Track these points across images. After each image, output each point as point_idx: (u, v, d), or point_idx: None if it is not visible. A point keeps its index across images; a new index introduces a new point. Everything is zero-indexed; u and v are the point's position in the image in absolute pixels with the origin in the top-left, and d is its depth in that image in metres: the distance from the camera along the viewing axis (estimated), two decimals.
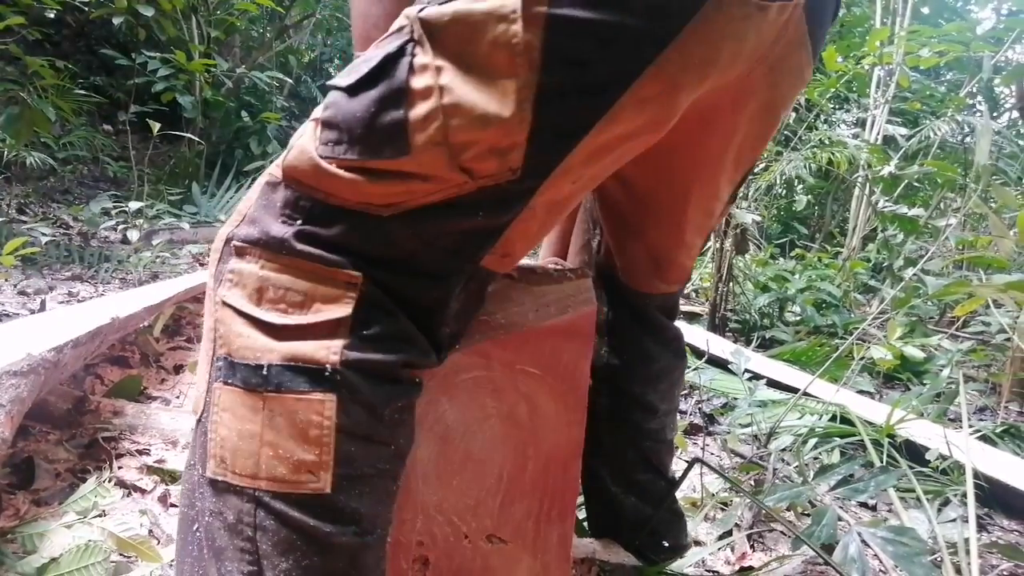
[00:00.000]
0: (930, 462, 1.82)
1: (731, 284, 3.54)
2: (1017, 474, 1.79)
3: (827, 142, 4.43)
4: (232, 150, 6.38)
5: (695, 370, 2.51)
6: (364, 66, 0.62)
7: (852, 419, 1.97)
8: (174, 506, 1.33)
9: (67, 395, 1.58)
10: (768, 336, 3.50)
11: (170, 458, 1.49)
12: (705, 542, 1.44)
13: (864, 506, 1.78)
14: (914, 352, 2.86)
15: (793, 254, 5.02)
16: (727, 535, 1.47)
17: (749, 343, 3.37)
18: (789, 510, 1.62)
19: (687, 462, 1.30)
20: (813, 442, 1.98)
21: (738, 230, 3.35)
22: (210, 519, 0.62)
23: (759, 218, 3.98)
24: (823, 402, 2.19)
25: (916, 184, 5.20)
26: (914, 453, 1.88)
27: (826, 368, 2.38)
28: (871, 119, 4.96)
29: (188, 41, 5.42)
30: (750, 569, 1.35)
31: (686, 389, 2.50)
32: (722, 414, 2.31)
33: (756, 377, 2.37)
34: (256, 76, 6.19)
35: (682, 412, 2.30)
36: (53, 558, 1.10)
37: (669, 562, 1.22)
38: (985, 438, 2.12)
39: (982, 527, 1.70)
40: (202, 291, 2.59)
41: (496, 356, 0.85)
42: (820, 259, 4.63)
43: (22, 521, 1.19)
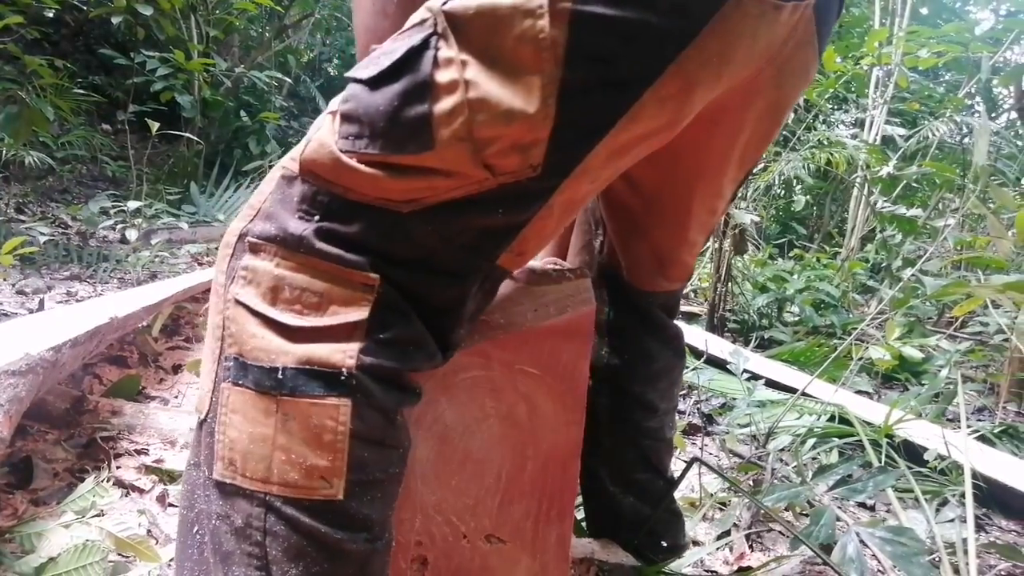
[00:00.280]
0: (928, 462, 1.83)
1: (730, 284, 3.54)
2: (1015, 474, 1.79)
3: (826, 142, 4.43)
4: (231, 150, 6.38)
5: (693, 370, 2.51)
6: (385, 59, 0.61)
7: (850, 419, 1.97)
8: (172, 506, 1.33)
9: (65, 395, 1.58)
10: (767, 336, 3.50)
11: (168, 458, 1.49)
12: (704, 542, 1.44)
13: (862, 506, 1.78)
14: (912, 352, 2.86)
15: (792, 254, 5.03)
16: (725, 535, 1.47)
17: (748, 343, 3.37)
18: (787, 510, 1.62)
19: (686, 462, 1.30)
20: (811, 442, 1.98)
21: (737, 230, 3.35)
22: (217, 522, 0.60)
23: (758, 218, 3.98)
24: (821, 402, 2.19)
25: (914, 184, 5.21)
26: (912, 453, 1.89)
27: (824, 368, 2.38)
28: (870, 119, 4.96)
29: (187, 40, 5.41)
30: (748, 569, 1.35)
31: (684, 389, 2.50)
32: (721, 414, 2.31)
33: (755, 377, 2.37)
34: (255, 76, 6.19)
35: (680, 412, 2.30)
36: (51, 558, 1.10)
37: (668, 562, 1.22)
38: (983, 438, 2.12)
39: (980, 527, 1.70)
40: (201, 291, 2.59)
41: (495, 356, 0.85)
42: (819, 259, 4.63)
43: (20, 521, 1.19)
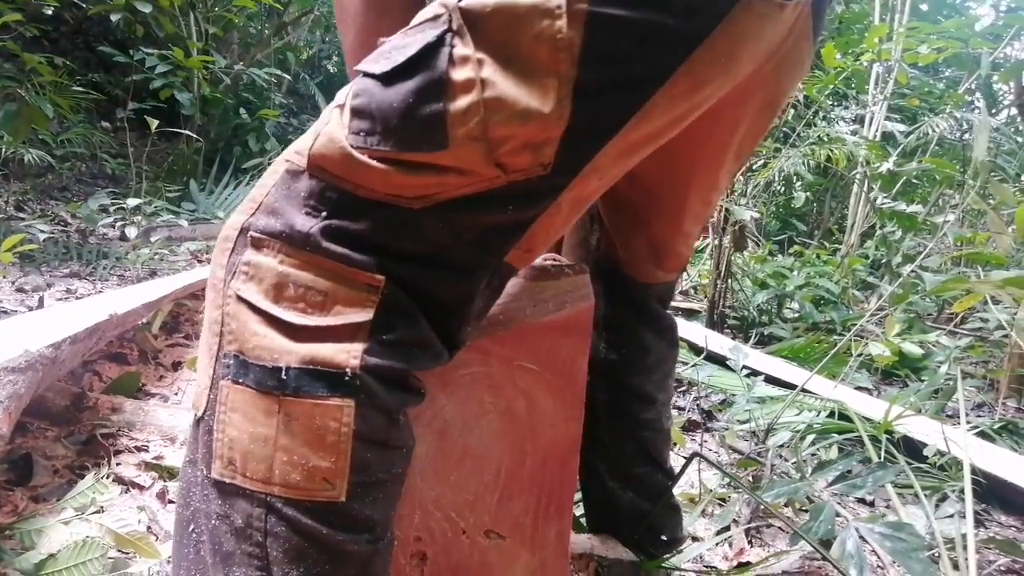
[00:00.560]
0: (928, 458, 1.83)
1: (730, 281, 3.54)
2: (1014, 470, 1.79)
3: (826, 139, 4.43)
4: (230, 147, 6.38)
5: (693, 366, 2.51)
6: (398, 54, 0.60)
7: (850, 415, 1.98)
8: (172, 502, 1.33)
9: (65, 391, 1.58)
10: (766, 333, 3.50)
11: (168, 454, 1.49)
12: (703, 537, 1.44)
13: (862, 502, 1.78)
14: (912, 348, 2.86)
15: (792, 251, 5.02)
16: (725, 531, 1.47)
17: (747, 340, 3.37)
18: (787, 506, 1.62)
19: (685, 458, 1.30)
20: (811, 438, 1.98)
21: (737, 227, 3.35)
22: (216, 522, 0.60)
23: (758, 215, 3.98)
24: (821, 398, 2.20)
25: (914, 181, 5.21)
26: (912, 449, 1.89)
27: (824, 364, 2.38)
28: (870, 116, 4.96)
29: (186, 38, 5.41)
30: (748, 564, 1.35)
31: (684, 386, 2.50)
32: (720, 410, 2.31)
33: (754, 373, 2.37)
34: (254, 73, 6.18)
35: (680, 408, 2.31)
36: (51, 554, 1.10)
37: (667, 557, 1.22)
38: (983, 434, 2.12)
39: (980, 523, 1.70)
40: (200, 288, 2.58)
41: (494, 352, 0.85)
42: (819, 256, 4.63)
43: (20, 517, 1.19)
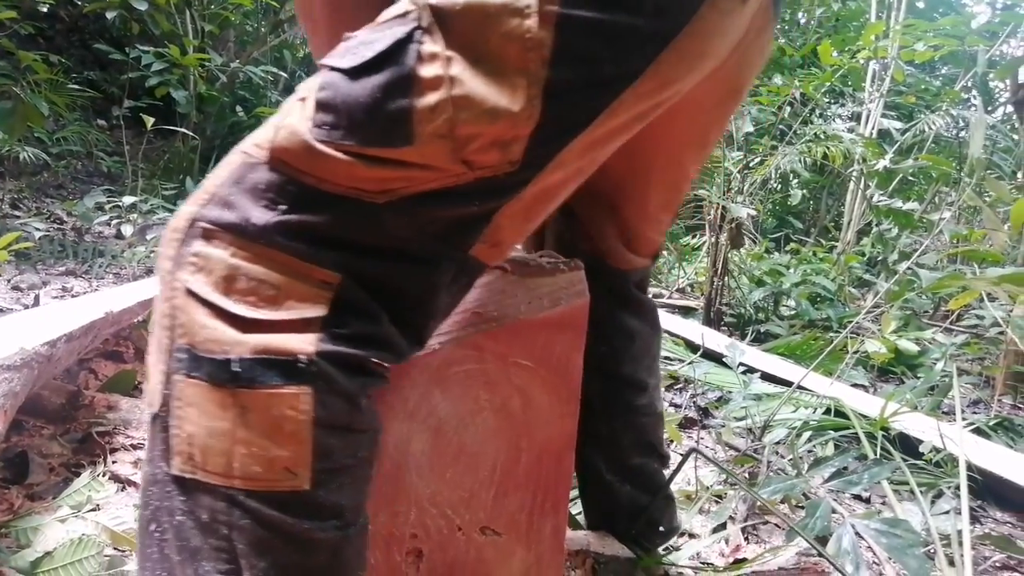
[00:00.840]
0: (924, 455, 1.83)
1: (726, 278, 3.54)
2: (1010, 466, 1.80)
3: (822, 136, 4.43)
4: (226, 145, 6.32)
5: (690, 363, 2.52)
6: (366, 49, 0.60)
7: (846, 412, 1.98)
8: None
9: (61, 389, 1.58)
10: (763, 330, 3.51)
11: None
12: (700, 534, 1.45)
13: (858, 498, 1.79)
14: (908, 345, 2.87)
15: (788, 248, 5.03)
16: (721, 527, 1.47)
17: (744, 337, 3.38)
18: (783, 502, 1.63)
19: (682, 454, 1.30)
20: (807, 435, 1.99)
21: (733, 224, 3.35)
22: (181, 518, 0.58)
23: (754, 212, 3.99)
24: (817, 395, 2.20)
25: (911, 178, 5.22)
26: (908, 446, 1.89)
27: (820, 361, 2.38)
28: (866, 113, 4.96)
29: (182, 35, 5.40)
30: (744, 561, 1.35)
31: (681, 383, 2.50)
32: (717, 407, 2.32)
33: (751, 371, 2.37)
34: (251, 71, 6.16)
35: (677, 405, 2.31)
36: (47, 552, 1.10)
37: (665, 553, 1.22)
38: (979, 431, 2.13)
39: (975, 519, 1.71)
40: None
41: (489, 348, 0.85)
42: (815, 253, 4.64)
43: (16, 515, 1.19)
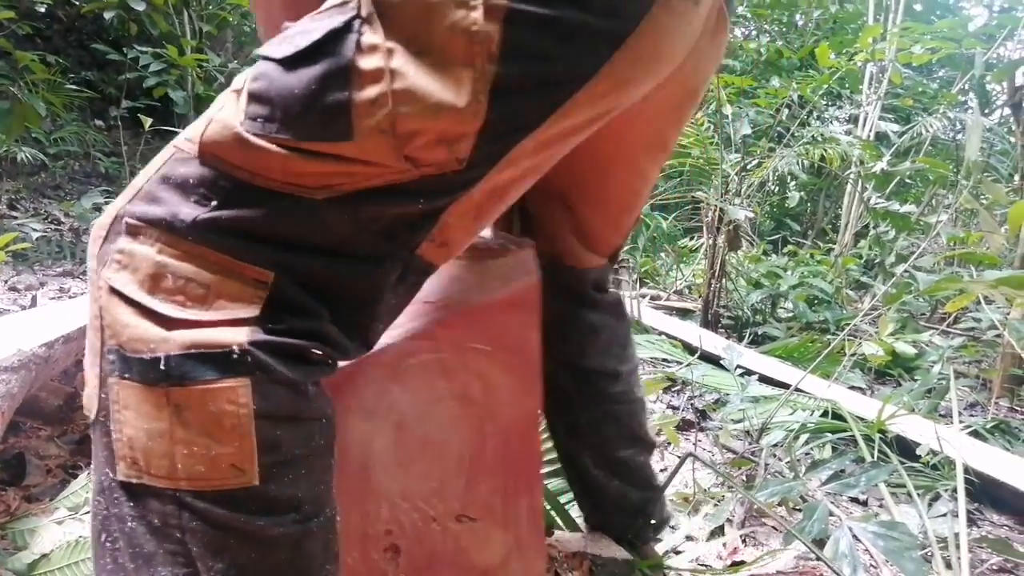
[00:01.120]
0: (921, 457, 1.83)
1: (724, 280, 3.55)
2: (1007, 469, 1.80)
3: (820, 139, 4.43)
4: None
5: (687, 366, 2.52)
6: (302, 38, 0.57)
7: (843, 415, 1.98)
8: None
9: (58, 391, 1.57)
10: (760, 332, 3.51)
11: None
12: (697, 537, 1.45)
13: (855, 501, 1.79)
14: (905, 348, 2.87)
15: (785, 250, 5.03)
16: (719, 530, 1.47)
17: (741, 339, 3.38)
18: (781, 505, 1.63)
19: (679, 457, 1.30)
20: (805, 438, 1.99)
21: (731, 226, 3.35)
22: (132, 524, 0.56)
23: (752, 214, 3.99)
24: (815, 398, 2.20)
25: (908, 180, 5.22)
26: (905, 448, 1.89)
27: (818, 364, 2.39)
28: (863, 116, 4.97)
29: (180, 36, 5.39)
30: (742, 563, 1.35)
31: (678, 385, 2.50)
32: (714, 410, 2.32)
33: (748, 373, 2.37)
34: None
35: (674, 408, 2.31)
36: (44, 554, 1.10)
37: (664, 556, 1.22)
38: (975, 434, 2.13)
39: (972, 522, 1.71)
40: None
41: (444, 337, 0.85)
42: (812, 255, 4.64)
43: (13, 517, 1.19)
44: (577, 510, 1.29)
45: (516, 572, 0.96)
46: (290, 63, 0.57)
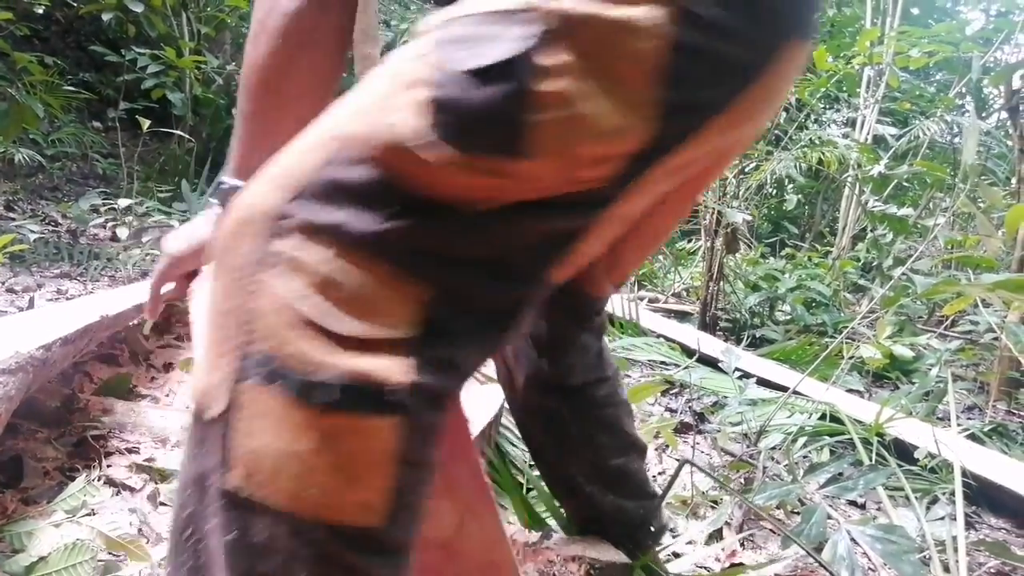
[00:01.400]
0: (919, 460, 1.84)
1: (721, 283, 3.55)
2: (1005, 472, 1.80)
3: (817, 142, 4.44)
4: (222, 147, 6.34)
5: (685, 368, 2.52)
6: (488, 48, 0.56)
7: (841, 418, 1.99)
8: (164, 504, 1.32)
9: (56, 393, 1.57)
10: (758, 335, 3.51)
11: (160, 456, 1.48)
12: (695, 540, 1.45)
13: (853, 504, 1.79)
14: (903, 351, 2.87)
15: (783, 253, 5.04)
16: (717, 533, 1.47)
17: (739, 342, 3.38)
18: (779, 508, 1.63)
19: (677, 460, 1.30)
20: (803, 440, 1.99)
21: (729, 229, 3.36)
22: (230, 535, 0.54)
23: (749, 217, 3.99)
24: (813, 401, 2.20)
25: (905, 184, 5.23)
26: (903, 451, 1.90)
27: (816, 367, 2.39)
28: (861, 119, 4.99)
29: (178, 38, 5.39)
30: (740, 567, 1.35)
31: (676, 388, 2.50)
32: (712, 412, 2.32)
33: (746, 376, 2.38)
34: None
35: (672, 410, 2.31)
36: (42, 557, 1.10)
37: (663, 560, 1.22)
38: (973, 437, 2.14)
39: (970, 525, 1.71)
40: None
41: None
42: (810, 258, 4.64)
43: (10, 520, 1.18)
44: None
45: (474, 535, 0.95)
46: (476, 76, 0.56)
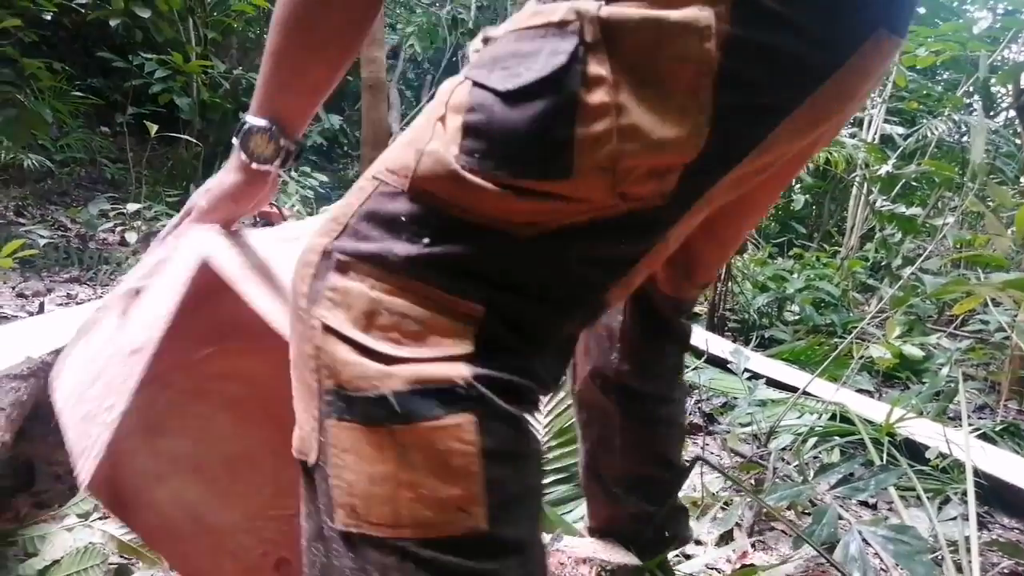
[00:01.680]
0: (930, 460, 1.83)
1: (730, 284, 3.54)
2: (1017, 472, 1.79)
3: None
4: (229, 152, 6.35)
5: (694, 369, 2.51)
6: (524, 68, 0.54)
7: (852, 418, 1.98)
8: None
9: None
10: (767, 335, 3.50)
11: None
12: (706, 541, 1.44)
13: (864, 505, 1.78)
14: (913, 351, 2.86)
15: (791, 253, 5.02)
16: (728, 534, 1.47)
17: (748, 342, 3.37)
18: (790, 509, 1.62)
19: (688, 461, 1.30)
20: (813, 441, 1.98)
21: None
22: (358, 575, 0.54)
23: None
24: (823, 401, 2.19)
25: (914, 183, 5.22)
26: (914, 452, 1.89)
27: (825, 367, 2.38)
28: (869, 118, 4.97)
29: (185, 43, 5.41)
30: (751, 568, 1.35)
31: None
32: (722, 413, 2.31)
33: (755, 376, 2.37)
34: (253, 77, 6.16)
35: None
36: (54, 560, 1.10)
37: (678, 563, 1.22)
38: (985, 436, 2.12)
39: (982, 525, 1.70)
40: None
41: (163, 371, 0.75)
42: (818, 258, 4.63)
43: (22, 523, 1.19)
44: (578, 517, 1.29)
45: None
46: (512, 97, 0.54)
